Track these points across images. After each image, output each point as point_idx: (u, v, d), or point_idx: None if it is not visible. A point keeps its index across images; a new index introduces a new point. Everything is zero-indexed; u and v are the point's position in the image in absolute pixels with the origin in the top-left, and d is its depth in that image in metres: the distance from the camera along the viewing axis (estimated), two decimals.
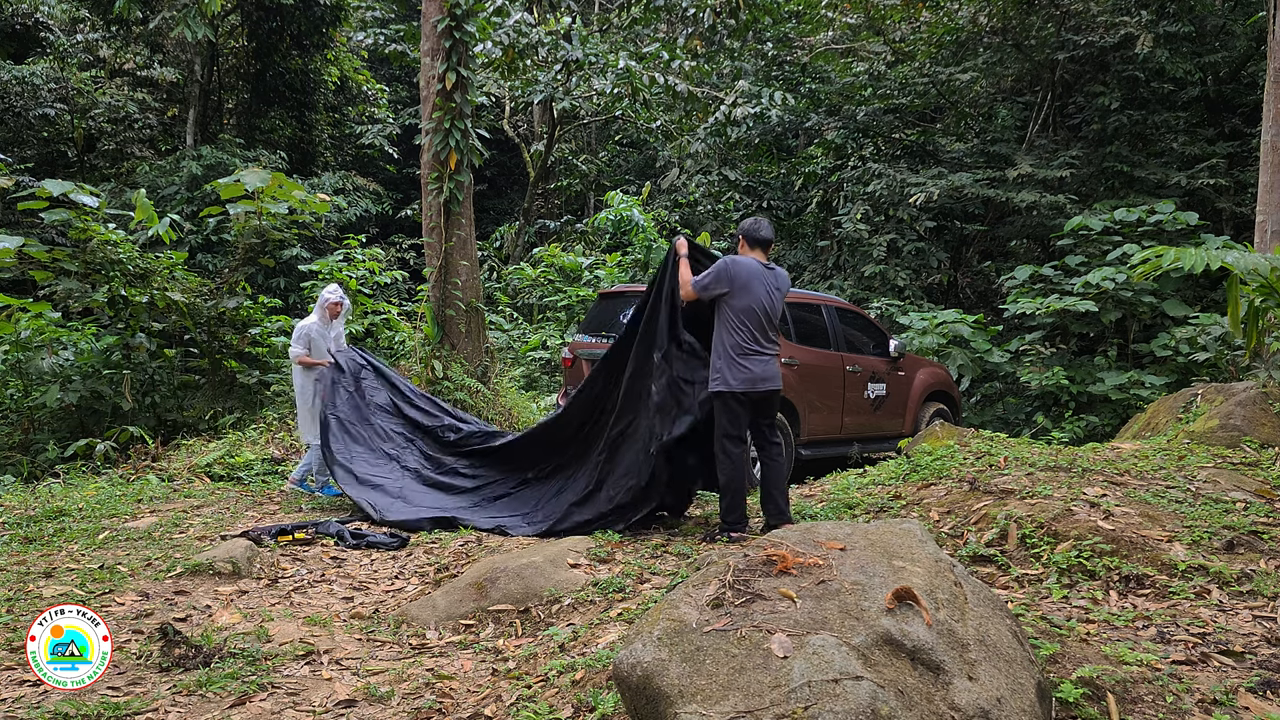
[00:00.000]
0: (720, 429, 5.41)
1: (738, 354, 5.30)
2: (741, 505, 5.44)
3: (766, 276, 5.45)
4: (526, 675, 3.50)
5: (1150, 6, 15.25)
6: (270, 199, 10.12)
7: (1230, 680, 2.95)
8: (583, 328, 8.89)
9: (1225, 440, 6.07)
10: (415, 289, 12.30)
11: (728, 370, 5.32)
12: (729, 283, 5.34)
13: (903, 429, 9.11)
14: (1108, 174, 15.45)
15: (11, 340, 9.66)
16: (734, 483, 5.39)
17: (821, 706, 2.19)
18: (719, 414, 5.41)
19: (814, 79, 19.45)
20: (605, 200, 16.71)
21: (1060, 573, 4.09)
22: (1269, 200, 8.87)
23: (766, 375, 5.37)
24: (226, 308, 10.03)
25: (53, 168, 17.62)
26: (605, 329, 8.37)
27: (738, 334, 5.32)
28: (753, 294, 5.35)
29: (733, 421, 5.38)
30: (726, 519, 5.47)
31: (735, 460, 5.39)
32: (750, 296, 5.34)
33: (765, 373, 5.36)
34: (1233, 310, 6.80)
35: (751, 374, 5.31)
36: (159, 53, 19.92)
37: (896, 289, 15.39)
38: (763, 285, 5.40)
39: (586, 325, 8.82)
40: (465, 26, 9.82)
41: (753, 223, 5.62)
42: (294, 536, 5.73)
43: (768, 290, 5.41)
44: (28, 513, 6.47)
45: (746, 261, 5.43)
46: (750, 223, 5.63)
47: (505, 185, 26.65)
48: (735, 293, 5.34)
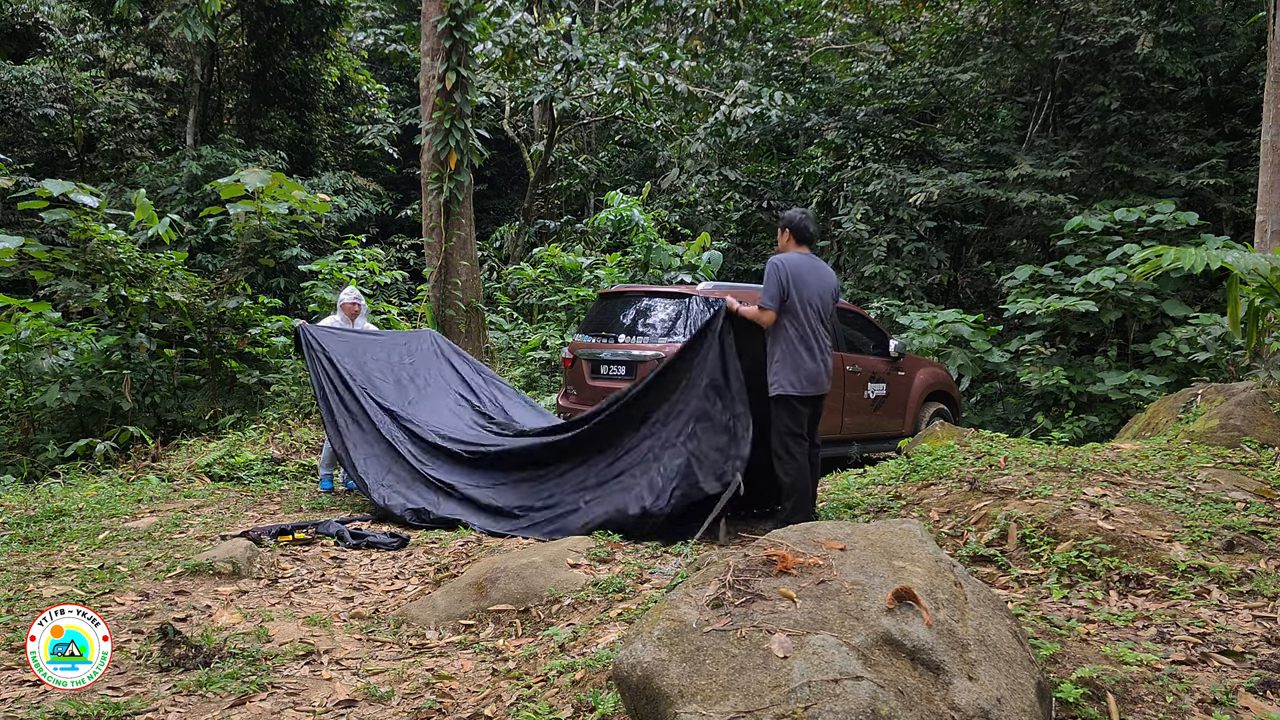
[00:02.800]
0: (783, 429, 5.25)
1: (799, 353, 5.19)
2: (808, 506, 5.27)
3: (817, 272, 5.34)
4: (526, 675, 3.50)
5: (1150, 6, 15.24)
6: (270, 199, 10.13)
7: (1230, 680, 2.95)
8: (583, 328, 8.88)
9: (1225, 440, 6.07)
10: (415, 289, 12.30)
11: (790, 372, 5.20)
12: (789, 283, 5.21)
13: (903, 429, 9.11)
14: (1108, 174, 15.46)
15: (11, 340, 9.66)
16: (800, 482, 5.22)
17: (821, 706, 2.19)
18: (781, 415, 5.26)
19: (814, 79, 19.45)
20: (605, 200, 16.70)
21: (1060, 573, 4.09)
22: (1269, 200, 8.87)
23: (827, 372, 5.28)
24: (226, 308, 10.03)
25: (53, 168, 17.62)
26: (605, 329, 8.37)
27: (796, 332, 5.20)
28: (808, 291, 5.23)
29: (795, 420, 5.23)
30: (794, 520, 5.14)
31: (800, 459, 5.22)
32: (805, 294, 5.22)
33: (826, 370, 5.28)
34: (1233, 310, 6.80)
35: (812, 371, 5.20)
36: (159, 53, 19.93)
37: (896, 289, 15.40)
38: (816, 281, 5.30)
39: (586, 325, 8.81)
40: (465, 26, 9.84)
41: (801, 217, 5.45)
42: (294, 536, 5.73)
43: (820, 286, 5.31)
44: (28, 513, 6.46)
45: (796, 259, 5.29)
46: (798, 217, 5.45)
47: (505, 185, 26.65)
48: (790, 292, 5.22)
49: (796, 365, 5.19)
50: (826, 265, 5.54)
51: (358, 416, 7.08)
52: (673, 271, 13.90)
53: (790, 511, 5.23)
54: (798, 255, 5.34)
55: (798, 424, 5.26)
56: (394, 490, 6.55)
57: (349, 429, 7.02)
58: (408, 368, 7.65)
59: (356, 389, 7.15)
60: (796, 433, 5.25)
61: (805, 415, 5.29)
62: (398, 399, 7.26)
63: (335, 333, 7.57)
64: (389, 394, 7.27)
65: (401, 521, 6.29)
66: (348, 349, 7.44)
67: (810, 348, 5.22)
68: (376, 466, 6.76)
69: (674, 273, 13.87)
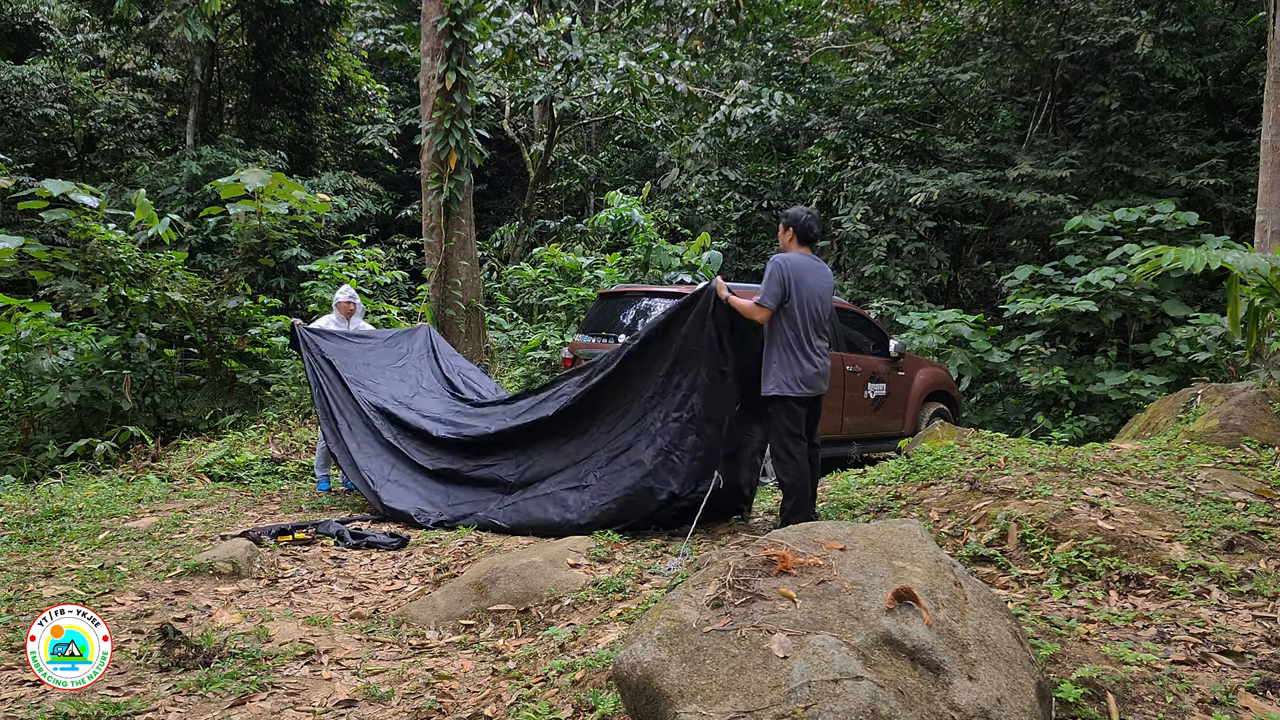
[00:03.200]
0: (782, 429, 5.23)
1: (795, 354, 5.17)
2: (807, 506, 5.24)
3: (817, 273, 5.31)
4: (526, 675, 3.50)
5: (1150, 6, 15.25)
6: (270, 199, 10.13)
7: (1230, 680, 2.95)
8: (583, 328, 8.88)
9: (1225, 440, 6.07)
10: (415, 289, 12.30)
11: (786, 373, 5.17)
12: (790, 283, 5.18)
13: (903, 429, 9.11)
14: (1108, 174, 15.46)
15: (11, 340, 9.66)
16: (799, 483, 5.20)
17: (821, 706, 2.19)
18: (780, 416, 5.24)
19: (814, 79, 19.45)
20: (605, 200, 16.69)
21: (1060, 573, 4.09)
22: (1269, 200, 8.87)
23: (823, 374, 5.26)
24: (226, 308, 10.03)
25: (53, 168, 17.63)
26: (605, 329, 8.37)
27: (793, 333, 5.18)
28: (808, 292, 5.20)
29: (794, 420, 5.21)
30: (794, 520, 5.13)
31: (800, 460, 5.20)
32: (804, 294, 5.18)
33: (822, 371, 5.25)
34: (1232, 310, 6.80)
35: (808, 373, 5.18)
36: (159, 53, 19.92)
37: (896, 289, 15.39)
38: (815, 282, 5.26)
39: (586, 325, 8.81)
40: (465, 26, 9.84)
41: (806, 216, 5.39)
42: (294, 536, 5.73)
43: (819, 287, 5.28)
44: (28, 513, 6.46)
45: (797, 259, 5.25)
46: (803, 216, 5.39)
47: (505, 185, 26.64)
48: (790, 292, 5.18)
49: (794, 366, 5.17)
50: (826, 266, 5.52)
51: (353, 417, 7.08)
52: (673, 272, 13.89)
53: (790, 512, 5.20)
54: (799, 255, 5.30)
55: (796, 425, 5.25)
56: (399, 487, 6.56)
57: (348, 430, 7.01)
58: (399, 368, 7.64)
59: (354, 389, 7.14)
60: (795, 433, 5.23)
61: (803, 416, 5.27)
62: (395, 396, 7.25)
63: (330, 334, 7.56)
64: (386, 392, 7.26)
65: (405, 521, 6.28)
66: (342, 349, 7.44)
67: (807, 349, 5.20)
68: (379, 464, 6.75)
69: (674, 273, 13.86)
